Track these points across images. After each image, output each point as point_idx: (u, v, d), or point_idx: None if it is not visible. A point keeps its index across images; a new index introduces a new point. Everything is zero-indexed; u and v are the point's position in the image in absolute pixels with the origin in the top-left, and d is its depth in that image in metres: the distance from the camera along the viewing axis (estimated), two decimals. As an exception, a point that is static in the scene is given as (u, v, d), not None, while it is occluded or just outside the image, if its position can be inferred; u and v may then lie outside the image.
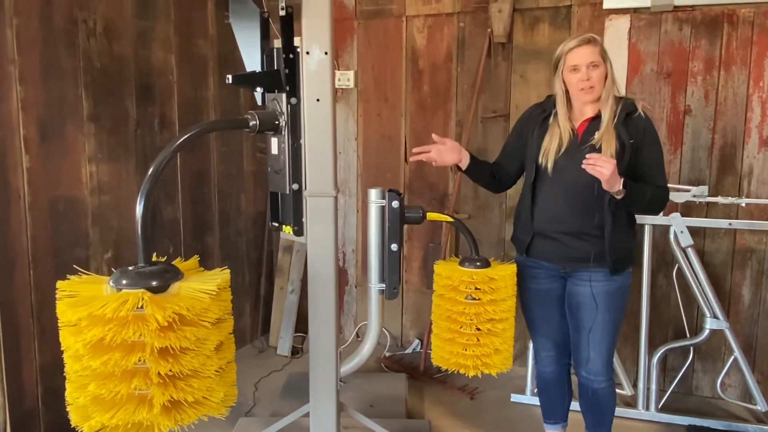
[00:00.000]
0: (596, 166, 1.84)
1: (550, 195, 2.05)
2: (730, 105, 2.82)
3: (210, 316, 1.42)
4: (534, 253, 2.12)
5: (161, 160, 1.55)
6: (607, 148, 1.96)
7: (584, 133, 2.04)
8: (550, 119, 2.09)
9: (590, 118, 2.04)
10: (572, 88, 2.02)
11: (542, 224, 2.07)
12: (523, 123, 2.19)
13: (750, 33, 2.74)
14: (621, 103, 2.03)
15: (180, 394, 1.38)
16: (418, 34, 3.36)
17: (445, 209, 3.39)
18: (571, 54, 1.99)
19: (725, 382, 2.94)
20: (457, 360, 2.06)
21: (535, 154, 2.08)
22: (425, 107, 3.41)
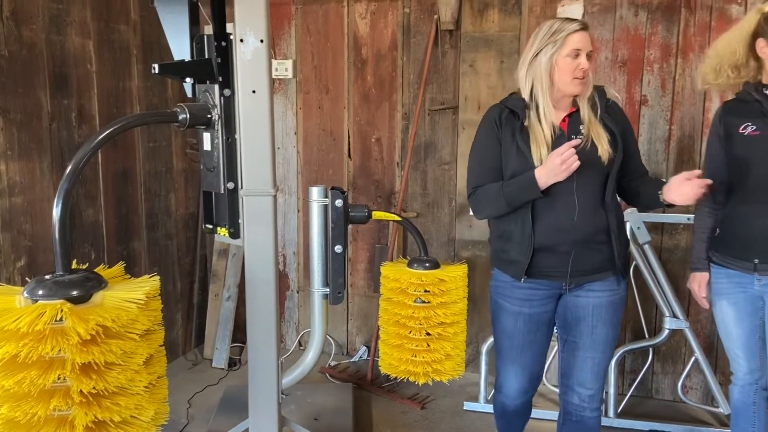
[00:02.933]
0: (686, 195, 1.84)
1: (555, 203, 1.95)
2: (687, 94, 2.98)
3: (138, 327, 1.42)
4: (535, 273, 2.00)
5: (80, 158, 1.54)
6: (599, 142, 1.96)
7: (569, 129, 2.00)
8: (526, 121, 1.98)
9: (570, 112, 2.01)
10: (565, 75, 1.93)
11: (547, 238, 1.97)
12: (495, 130, 2.03)
13: (708, 18, 2.90)
14: (597, 93, 2.02)
15: (105, 413, 1.38)
16: (360, 21, 3.41)
17: (392, 208, 3.45)
18: (573, 37, 1.91)
19: (686, 384, 3.10)
20: (407, 367, 2.11)
21: (527, 162, 1.95)
22: (369, 99, 3.46)
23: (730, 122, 2.17)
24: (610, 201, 1.99)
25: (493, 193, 1.99)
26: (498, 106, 2.08)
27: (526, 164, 1.95)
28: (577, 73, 1.93)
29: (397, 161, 3.47)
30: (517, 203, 1.97)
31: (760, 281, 2.10)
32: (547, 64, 1.94)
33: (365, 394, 3.23)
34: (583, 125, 1.98)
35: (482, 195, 2.03)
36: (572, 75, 1.93)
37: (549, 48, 1.94)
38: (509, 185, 1.97)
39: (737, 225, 2.12)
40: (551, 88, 1.96)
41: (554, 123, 1.98)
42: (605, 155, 1.96)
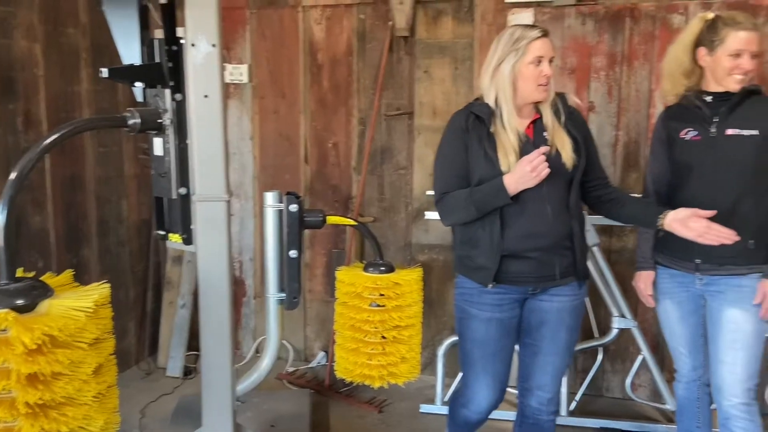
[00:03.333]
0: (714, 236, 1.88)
1: (524, 210, 1.96)
2: (633, 101, 3.07)
3: (86, 336, 1.40)
4: (502, 280, 2.01)
5: (25, 164, 1.51)
6: (563, 148, 1.98)
7: (534, 136, 2.02)
8: (492, 128, 1.99)
9: (534, 119, 2.03)
10: (529, 83, 1.95)
11: (516, 244, 1.98)
12: (462, 136, 2.02)
13: (652, 28, 2.99)
14: (559, 99, 2.05)
15: (52, 425, 1.35)
16: (316, 26, 3.41)
17: (349, 212, 3.46)
18: (535, 45, 1.93)
19: (635, 382, 3.18)
20: (362, 371, 2.12)
21: (495, 169, 1.95)
22: (326, 104, 3.47)
23: (672, 127, 2.25)
24: (574, 207, 2.02)
25: (462, 199, 1.99)
26: (464, 111, 2.07)
27: (494, 171, 1.96)
28: (540, 79, 1.95)
29: (354, 166, 3.48)
30: (486, 209, 1.97)
31: (701, 281, 2.17)
32: (510, 72, 1.96)
33: (323, 400, 3.22)
34: (547, 132, 2.01)
35: (450, 201, 2.02)
36: (536, 82, 1.95)
37: (512, 56, 1.95)
38: (478, 191, 1.97)
39: (681, 225, 2.18)
40: (514, 96, 1.98)
41: (519, 130, 2.00)
42: (569, 161, 1.98)
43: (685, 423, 2.38)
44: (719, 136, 2.11)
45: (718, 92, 2.14)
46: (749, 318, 2.07)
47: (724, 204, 2.08)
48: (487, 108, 2.01)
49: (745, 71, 2.07)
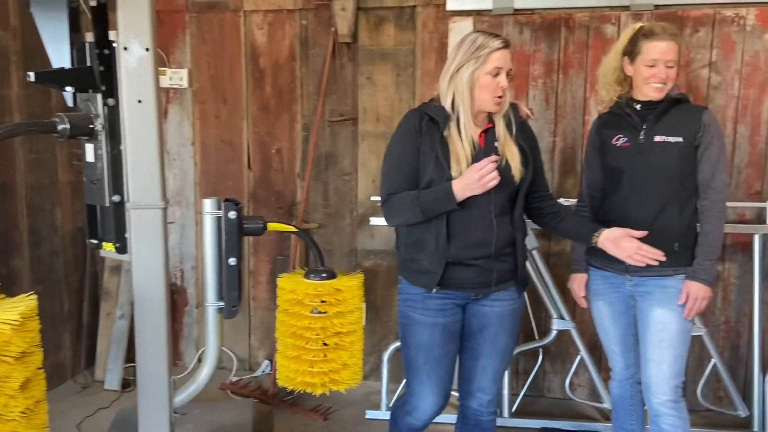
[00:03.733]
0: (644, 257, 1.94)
1: (470, 217, 1.97)
2: (569, 108, 3.15)
3: (12, 350, 1.35)
4: (446, 285, 2.00)
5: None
6: (512, 160, 1.99)
7: (486, 145, 2.02)
8: (446, 131, 1.98)
9: (487, 128, 2.03)
10: (485, 93, 1.94)
11: (461, 251, 1.98)
12: (415, 137, 1.99)
13: (586, 37, 3.08)
14: (511, 110, 2.04)
15: (-26, 442, 1.30)
16: (257, 31, 3.38)
17: (293, 219, 3.43)
18: (495, 55, 1.93)
19: (574, 382, 3.26)
20: (304, 378, 2.10)
21: (445, 173, 1.95)
22: (269, 110, 3.44)
23: (605, 134, 2.32)
24: (518, 217, 2.05)
25: (408, 201, 1.97)
26: (417, 112, 2.04)
27: (444, 175, 1.95)
28: (497, 91, 1.94)
29: (298, 172, 3.46)
30: (432, 213, 1.96)
31: (631, 282, 2.24)
32: (468, 79, 1.94)
33: (267, 409, 3.18)
34: (498, 142, 2.01)
35: (397, 202, 2.00)
36: (492, 93, 1.95)
37: (471, 63, 1.94)
38: (425, 195, 1.95)
39: (611, 229, 2.25)
40: (471, 103, 1.97)
41: (473, 137, 1.99)
42: (517, 173, 2.00)
43: (620, 420, 2.45)
44: (647, 142, 2.19)
45: (647, 100, 2.21)
46: (675, 318, 2.14)
47: (651, 208, 2.16)
48: (443, 111, 1.99)
49: (661, 80, 2.15)
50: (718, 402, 3.08)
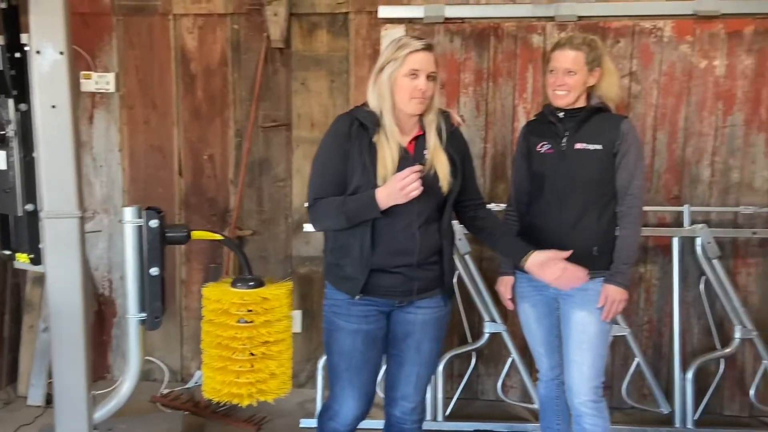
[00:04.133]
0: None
1: (395, 225, 1.95)
2: (499, 115, 3.20)
3: None
4: (370, 292, 1.99)
5: None
6: (441, 169, 1.96)
7: (415, 152, 1.99)
8: (374, 137, 1.95)
9: (417, 135, 2.00)
10: (404, 95, 1.92)
11: (385, 259, 1.96)
12: (344, 142, 1.97)
13: (514, 46, 3.14)
14: (443, 118, 2.02)
15: None
16: (188, 35, 3.31)
17: (227, 226, 3.37)
18: (414, 57, 1.90)
19: (507, 384, 3.30)
20: (230, 390, 2.06)
21: (371, 180, 1.92)
22: (200, 115, 3.37)
23: (531, 141, 2.37)
24: (446, 227, 2.03)
25: (333, 207, 1.95)
26: (348, 116, 2.01)
27: (370, 182, 1.92)
28: (414, 93, 1.91)
29: (231, 178, 3.40)
30: (356, 220, 1.94)
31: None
32: (388, 81, 1.93)
33: (199, 421, 3.10)
34: (427, 150, 1.98)
35: (322, 207, 1.98)
36: (410, 95, 1.91)
37: (391, 64, 1.92)
38: (350, 202, 1.93)
39: (534, 233, 2.29)
40: (393, 105, 1.95)
41: (401, 144, 1.96)
42: (445, 183, 1.97)
43: (547, 420, 2.49)
44: (569, 149, 2.24)
45: (570, 108, 2.26)
46: (594, 320, 2.20)
47: (572, 213, 2.21)
48: (373, 116, 1.97)
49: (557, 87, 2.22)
50: (642, 399, 3.18)
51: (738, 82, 3.01)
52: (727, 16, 2.96)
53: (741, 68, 2.99)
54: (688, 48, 3.01)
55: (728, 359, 3.08)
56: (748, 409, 3.14)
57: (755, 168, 3.05)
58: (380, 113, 1.96)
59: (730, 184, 3.07)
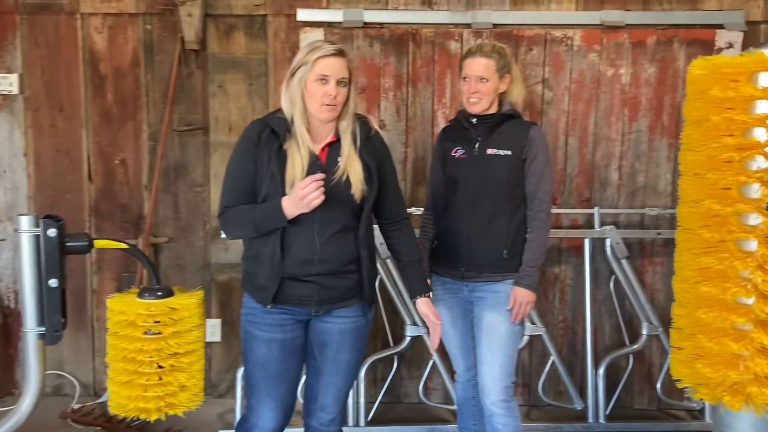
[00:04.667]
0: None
1: (304, 234, 1.92)
2: (419, 120, 3.22)
3: None
4: (282, 300, 1.96)
5: None
6: (354, 176, 1.93)
7: (328, 159, 1.95)
8: (286, 143, 1.92)
9: (331, 141, 1.97)
10: (314, 101, 1.89)
11: (295, 268, 1.93)
12: (253, 149, 1.94)
13: (432, 52, 3.17)
14: (358, 123, 1.99)
15: None
16: (97, 35, 3.18)
17: (140, 233, 3.25)
18: (323, 62, 1.87)
19: (429, 386, 3.33)
20: (137, 404, 1.98)
21: (279, 188, 1.89)
22: (111, 118, 3.24)
23: (446, 146, 2.40)
24: (363, 235, 1.99)
25: (242, 216, 1.92)
26: (260, 122, 1.98)
27: (278, 189, 1.89)
28: (324, 99, 1.88)
29: (145, 184, 3.28)
30: (265, 229, 1.91)
31: (467, 287, 2.32)
32: (298, 85, 1.91)
33: (112, 436, 2.98)
34: (341, 157, 1.94)
35: (231, 216, 1.95)
36: (319, 101, 1.89)
37: (302, 69, 1.90)
38: (258, 210, 1.91)
39: (448, 236, 2.33)
40: (304, 111, 1.92)
41: (313, 150, 1.93)
42: (358, 191, 1.94)
43: (464, 421, 2.53)
44: (481, 155, 2.28)
45: (482, 115, 2.31)
46: (504, 321, 2.24)
47: (483, 216, 2.25)
48: (284, 122, 1.93)
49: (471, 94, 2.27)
50: (558, 397, 3.27)
51: (642, 90, 3.14)
52: (632, 27, 3.09)
53: (645, 76, 3.13)
54: (596, 57, 3.13)
55: (637, 355, 3.21)
56: (656, 402, 3.28)
57: (659, 171, 3.19)
58: (291, 119, 1.93)
59: (637, 187, 3.20)
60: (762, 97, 1.84)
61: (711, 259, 1.93)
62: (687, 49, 3.10)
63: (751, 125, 1.86)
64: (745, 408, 1.89)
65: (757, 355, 1.86)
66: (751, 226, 1.87)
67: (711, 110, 1.93)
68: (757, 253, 1.85)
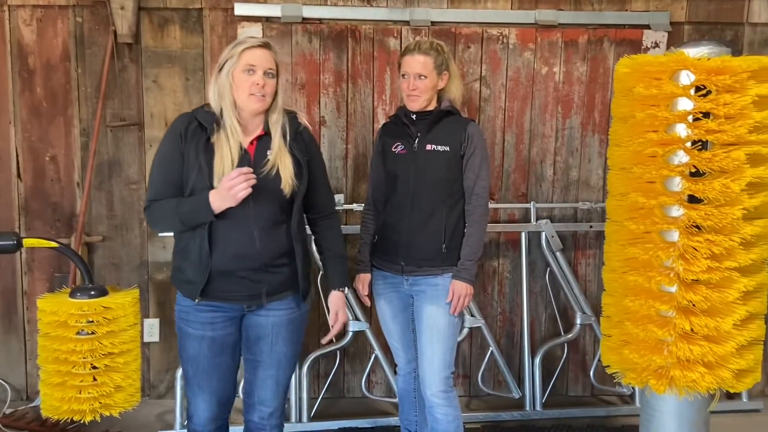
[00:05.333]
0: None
1: (231, 228, 1.92)
2: (359, 116, 3.23)
3: None
4: (211, 296, 1.96)
5: None
6: (283, 170, 1.94)
7: (256, 153, 1.96)
8: (214, 136, 1.93)
9: (260, 135, 1.98)
10: (242, 92, 1.91)
11: (224, 263, 1.93)
12: (178, 142, 1.95)
13: (371, 49, 3.18)
14: (288, 119, 2.01)
15: None
16: (25, 27, 3.07)
17: (73, 232, 3.15)
18: (249, 53, 1.90)
19: (372, 380, 3.35)
20: (71, 406, 1.93)
21: (207, 182, 1.90)
22: (40, 113, 3.13)
23: (386, 141, 2.42)
24: (295, 228, 2.00)
25: (169, 209, 1.92)
26: (187, 116, 2.00)
27: (206, 183, 1.89)
28: (252, 89, 1.90)
29: (78, 181, 3.18)
30: (192, 223, 1.91)
31: (407, 281, 2.35)
32: (226, 78, 1.92)
33: (45, 441, 2.88)
34: (271, 151, 1.96)
35: (157, 210, 1.95)
36: (248, 91, 1.90)
37: (229, 62, 1.91)
38: (184, 204, 1.90)
39: (388, 231, 2.36)
40: (234, 104, 1.93)
41: (242, 144, 1.94)
42: (287, 185, 1.95)
43: (405, 413, 2.57)
44: (420, 150, 2.31)
45: (421, 111, 2.34)
46: (443, 313, 2.28)
47: (422, 211, 2.29)
48: (212, 116, 1.94)
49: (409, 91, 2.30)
50: (497, 386, 3.35)
51: (575, 88, 3.25)
52: (565, 26, 3.19)
53: (577, 75, 3.23)
54: (531, 55, 3.21)
55: (571, 344, 3.32)
56: (590, 388, 3.41)
57: (591, 167, 3.30)
58: (220, 112, 1.94)
59: (570, 181, 3.31)
60: (683, 94, 1.93)
61: (637, 249, 2.02)
62: (617, 48, 3.22)
63: (672, 121, 1.95)
64: (669, 390, 1.99)
65: (679, 340, 1.96)
66: (673, 217, 1.97)
67: (636, 107, 2.01)
68: (678, 243, 1.94)
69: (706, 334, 1.95)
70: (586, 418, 3.19)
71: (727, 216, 1.90)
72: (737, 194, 1.89)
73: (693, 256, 1.92)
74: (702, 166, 1.92)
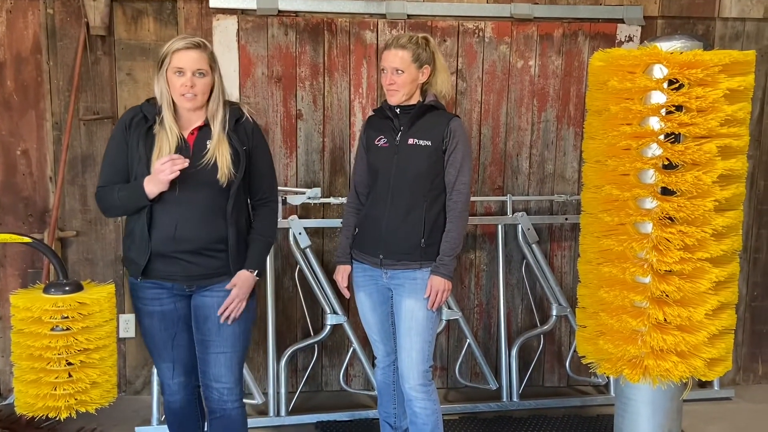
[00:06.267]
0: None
1: (170, 212, 2.05)
2: (335, 110, 3.22)
3: None
4: (152, 275, 2.10)
5: None
6: (222, 159, 2.06)
7: (195, 143, 2.09)
8: (155, 127, 2.07)
9: (199, 126, 2.10)
10: (174, 91, 2.04)
11: (162, 245, 2.06)
12: (123, 132, 2.11)
13: (348, 42, 3.17)
14: (228, 110, 2.13)
15: None
16: (-6, 19, 3.00)
17: (46, 227, 3.10)
18: (178, 55, 2.01)
19: (350, 374, 3.36)
20: (46, 403, 1.90)
21: (146, 170, 2.03)
22: (11, 106, 3.07)
23: (370, 134, 2.42)
24: (231, 215, 2.10)
25: (112, 195, 2.08)
26: (134, 109, 2.15)
27: (146, 172, 2.03)
28: (181, 90, 2.02)
29: (50, 175, 3.13)
30: (131, 208, 2.07)
31: (386, 274, 2.35)
32: (163, 76, 2.05)
33: (19, 439, 2.84)
34: (210, 140, 2.07)
35: (103, 196, 2.12)
36: (179, 92, 2.03)
37: (164, 65, 2.04)
38: (122, 190, 2.07)
39: (369, 224, 2.36)
40: (171, 100, 2.07)
41: (182, 134, 2.08)
42: (224, 175, 2.06)
43: (384, 405, 2.57)
44: (402, 144, 2.32)
45: (404, 105, 2.34)
46: (421, 307, 2.29)
47: (403, 205, 2.29)
48: (155, 108, 2.09)
49: (388, 85, 2.31)
50: (475, 378, 3.38)
51: (550, 81, 3.27)
52: (540, 20, 3.21)
53: (552, 68, 3.26)
54: (507, 48, 3.23)
55: (547, 335, 3.36)
56: (566, 379, 3.45)
57: (566, 160, 3.34)
58: (161, 106, 2.08)
59: (546, 174, 3.34)
60: (656, 87, 1.96)
61: (611, 241, 2.05)
62: (591, 42, 3.25)
63: (646, 114, 1.98)
64: (643, 380, 2.02)
65: (653, 330, 2.00)
66: (647, 209, 2.00)
67: (610, 100, 2.04)
68: (652, 235, 1.98)
69: (678, 324, 1.99)
70: (562, 408, 3.23)
71: (699, 207, 1.93)
72: (709, 186, 1.93)
73: (666, 247, 1.96)
74: (675, 159, 1.95)
